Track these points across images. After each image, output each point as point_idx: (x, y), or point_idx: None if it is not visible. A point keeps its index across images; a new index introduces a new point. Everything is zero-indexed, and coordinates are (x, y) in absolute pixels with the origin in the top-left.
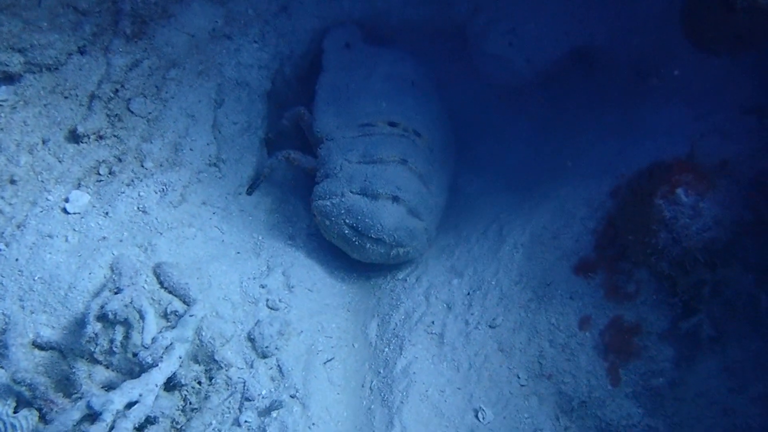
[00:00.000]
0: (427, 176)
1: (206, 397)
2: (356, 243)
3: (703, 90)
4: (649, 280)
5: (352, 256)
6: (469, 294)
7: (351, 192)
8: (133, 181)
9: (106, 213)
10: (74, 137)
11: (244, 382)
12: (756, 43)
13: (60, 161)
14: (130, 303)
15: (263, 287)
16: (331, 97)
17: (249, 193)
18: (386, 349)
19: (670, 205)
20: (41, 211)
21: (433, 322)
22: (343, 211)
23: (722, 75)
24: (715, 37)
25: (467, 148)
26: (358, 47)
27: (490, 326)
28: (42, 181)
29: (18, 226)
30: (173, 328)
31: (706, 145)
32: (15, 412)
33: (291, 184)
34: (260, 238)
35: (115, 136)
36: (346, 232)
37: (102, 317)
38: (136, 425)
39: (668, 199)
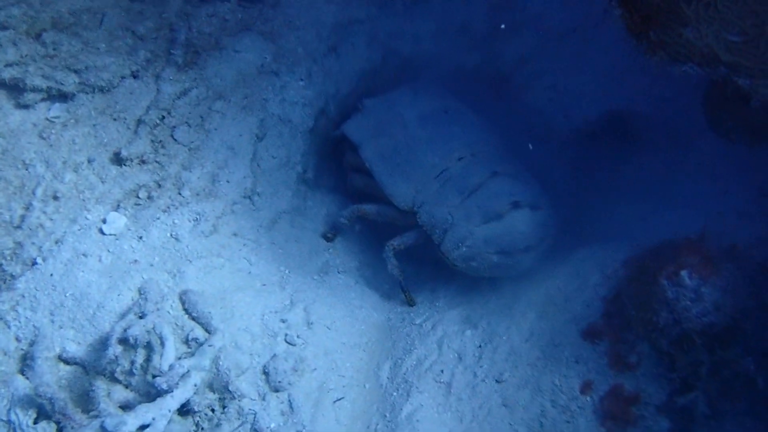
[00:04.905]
0: (515, 173)
1: (218, 425)
2: (510, 263)
3: (725, 169)
4: (650, 354)
5: (509, 275)
6: (480, 346)
7: (476, 227)
8: (169, 207)
9: (140, 237)
10: (118, 159)
11: (255, 414)
12: None
13: (102, 182)
14: (152, 329)
15: (283, 321)
16: (387, 169)
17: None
18: (395, 393)
19: (674, 286)
20: (79, 230)
21: (442, 371)
22: (482, 246)
23: (742, 159)
24: (732, 127)
25: None
26: (367, 105)
27: (496, 380)
28: (83, 200)
29: (56, 242)
30: (192, 355)
31: (721, 224)
32: (35, 423)
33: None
34: (287, 271)
35: (156, 161)
36: (496, 260)
37: (123, 341)
38: None
39: (672, 280)
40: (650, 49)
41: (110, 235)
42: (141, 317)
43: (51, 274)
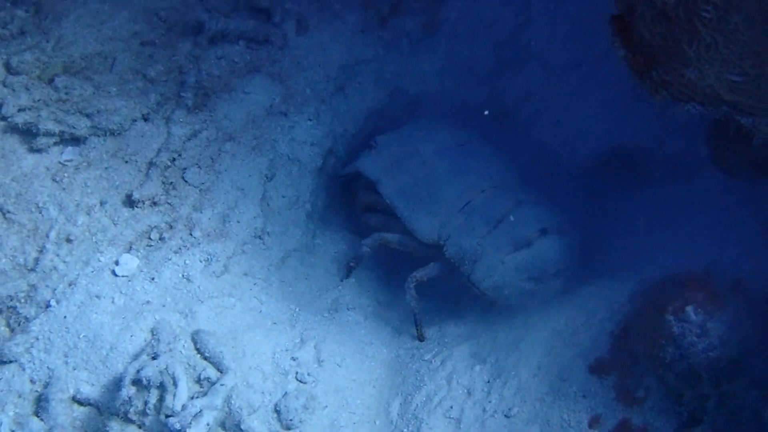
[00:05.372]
0: (538, 200)
1: None
2: (541, 289)
3: (728, 204)
4: (657, 387)
5: (540, 301)
6: (489, 381)
7: (507, 255)
8: (180, 248)
9: (152, 278)
10: (130, 202)
11: None
12: None
13: (115, 224)
14: (165, 369)
15: (294, 359)
16: (409, 204)
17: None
18: (405, 430)
19: (680, 321)
20: (92, 272)
21: (452, 407)
22: (513, 274)
23: (745, 193)
24: (735, 163)
25: None
26: (381, 142)
27: (505, 415)
28: (96, 242)
29: (69, 284)
30: (204, 395)
31: (725, 257)
32: None
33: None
34: (297, 309)
35: (168, 203)
36: (528, 287)
37: (137, 381)
38: None
39: (678, 315)
40: (653, 88)
41: (123, 276)
42: (154, 358)
43: (64, 316)
